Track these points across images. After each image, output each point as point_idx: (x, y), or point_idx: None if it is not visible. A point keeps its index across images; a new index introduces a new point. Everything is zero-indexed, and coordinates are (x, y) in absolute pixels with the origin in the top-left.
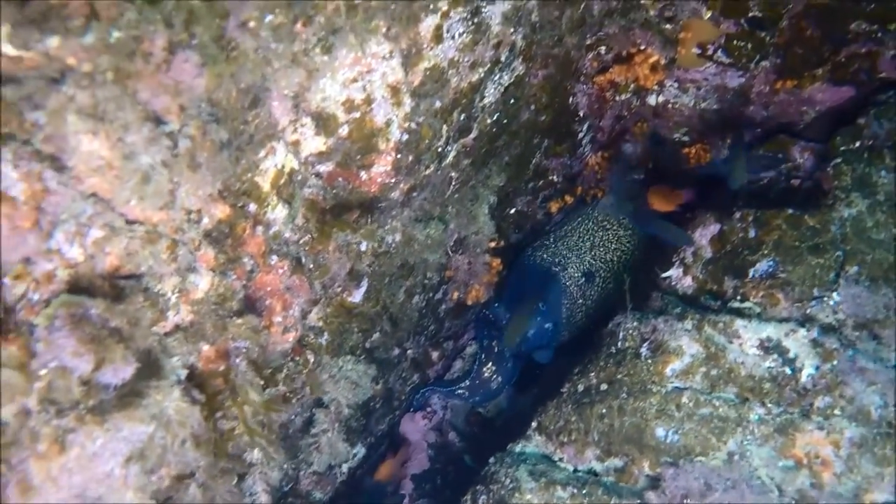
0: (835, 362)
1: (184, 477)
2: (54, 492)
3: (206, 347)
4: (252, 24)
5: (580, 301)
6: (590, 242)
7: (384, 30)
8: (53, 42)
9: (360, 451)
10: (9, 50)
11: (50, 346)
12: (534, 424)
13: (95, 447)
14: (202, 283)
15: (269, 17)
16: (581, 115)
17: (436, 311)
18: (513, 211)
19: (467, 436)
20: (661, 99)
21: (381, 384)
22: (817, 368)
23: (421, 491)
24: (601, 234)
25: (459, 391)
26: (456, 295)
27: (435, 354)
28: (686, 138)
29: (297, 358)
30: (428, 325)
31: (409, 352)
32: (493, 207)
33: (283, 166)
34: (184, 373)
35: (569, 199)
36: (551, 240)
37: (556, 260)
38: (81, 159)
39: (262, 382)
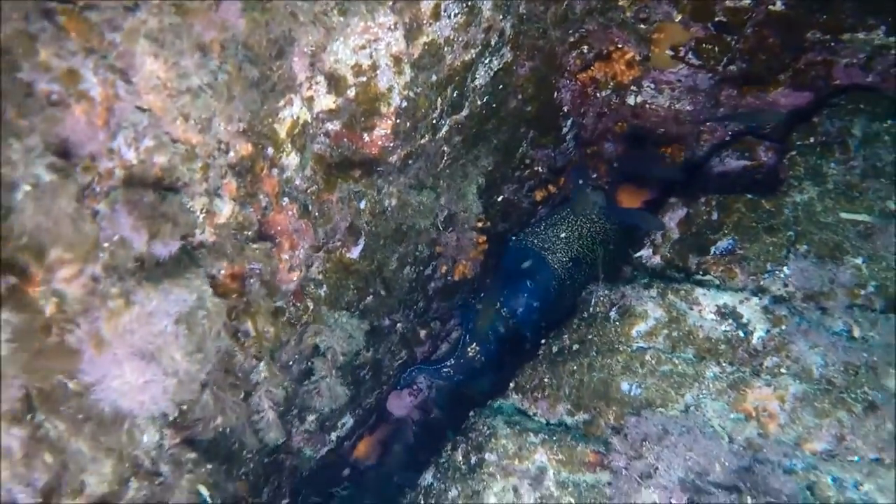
0: (783, 327)
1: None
2: (121, 346)
3: (225, 264)
4: None
5: (567, 283)
6: (577, 232)
7: (391, 3)
8: None
9: (349, 420)
10: None
11: (112, 222)
12: (511, 385)
13: (151, 307)
14: (225, 209)
15: None
16: (565, 110)
17: (425, 287)
18: (500, 199)
19: (451, 413)
20: (639, 99)
21: (371, 352)
22: (767, 332)
23: (404, 462)
24: (588, 225)
25: (445, 369)
26: (444, 269)
27: (423, 333)
28: (663, 139)
29: (298, 304)
30: (417, 299)
31: (398, 325)
32: (482, 189)
33: (297, 117)
34: (208, 282)
35: (552, 189)
36: (542, 227)
37: (546, 245)
38: (143, 77)
39: (272, 303)
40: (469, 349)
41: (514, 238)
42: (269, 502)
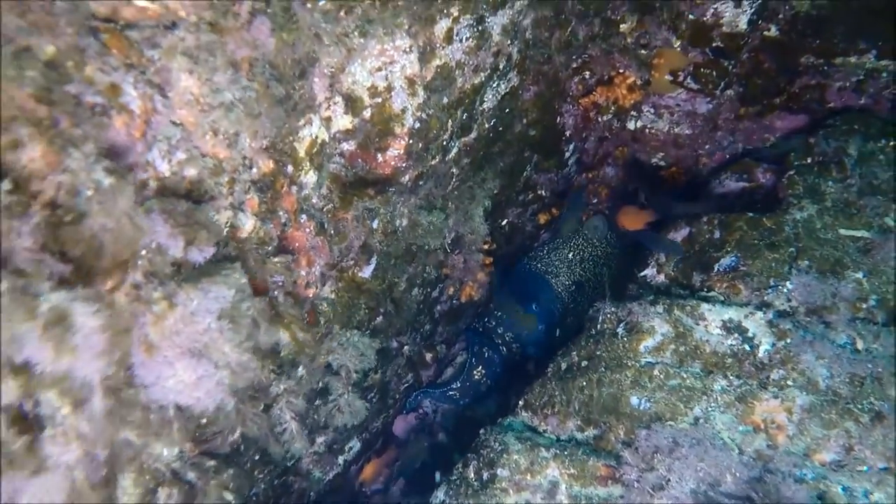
0: (788, 340)
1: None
2: (170, 348)
3: (248, 279)
4: (310, 4)
5: (571, 306)
6: (580, 256)
7: (406, 27)
8: None
9: (356, 444)
10: (139, 3)
11: (149, 230)
12: (521, 402)
13: (193, 306)
14: (248, 223)
15: (321, 2)
16: (567, 134)
17: (432, 310)
18: (504, 222)
19: (457, 436)
20: (639, 124)
21: (379, 374)
22: (773, 345)
23: (411, 487)
24: (590, 249)
25: (451, 392)
26: (451, 290)
27: (429, 356)
28: (663, 163)
29: (310, 322)
30: (424, 322)
31: (405, 347)
32: (488, 211)
33: (316, 137)
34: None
35: (555, 211)
36: (545, 251)
37: (550, 269)
38: (178, 92)
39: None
40: (475, 372)
41: (524, 262)
42: None
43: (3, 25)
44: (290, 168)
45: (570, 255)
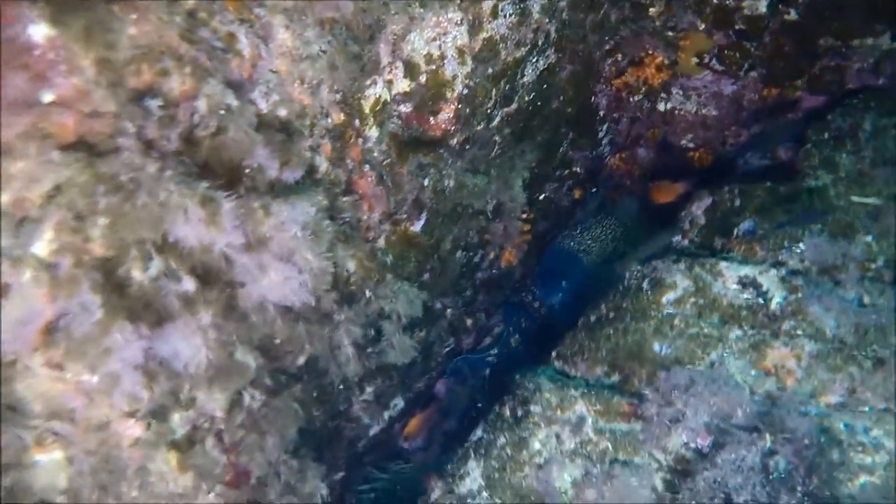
0: (799, 294)
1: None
2: (264, 251)
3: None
4: None
5: (601, 283)
6: (612, 235)
7: (458, 1)
8: None
9: (400, 402)
10: None
11: (251, 154)
12: (553, 354)
13: (283, 217)
14: (323, 165)
15: None
16: (601, 114)
17: (473, 275)
18: (542, 197)
19: (493, 401)
20: (668, 105)
21: (424, 332)
22: (785, 299)
23: (451, 445)
24: (621, 229)
25: (489, 357)
26: (492, 255)
27: (469, 322)
28: (692, 144)
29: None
30: (465, 286)
31: (448, 310)
32: (526, 182)
33: (379, 96)
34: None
35: (589, 187)
36: (578, 230)
37: (582, 247)
38: (276, 44)
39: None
40: (512, 340)
41: (558, 240)
42: (327, 471)
43: None
44: (357, 122)
45: (603, 235)
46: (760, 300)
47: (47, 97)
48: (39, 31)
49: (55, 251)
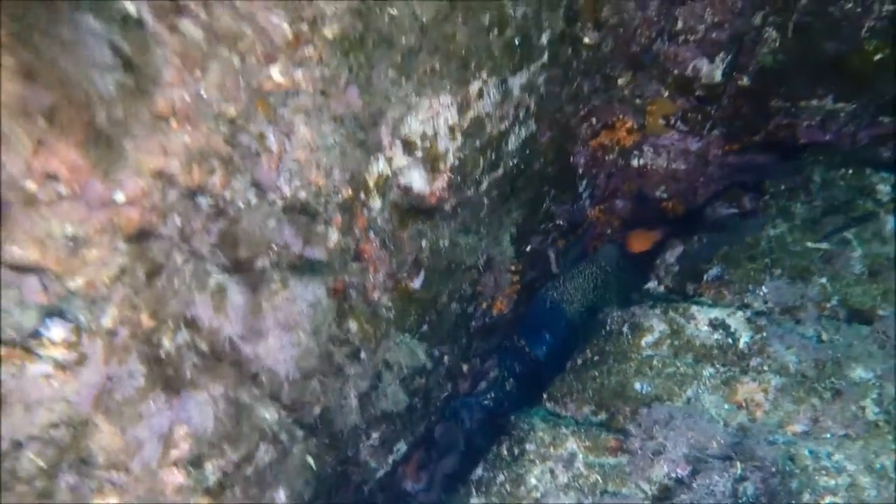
0: (764, 333)
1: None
2: (272, 317)
3: (333, 278)
4: (383, 75)
5: (582, 330)
6: (592, 284)
7: (448, 87)
8: (298, 73)
9: (403, 446)
10: (277, 78)
11: (279, 233)
12: (545, 395)
13: (296, 292)
14: (334, 236)
15: (391, 73)
16: (580, 171)
17: (468, 324)
18: (528, 249)
19: (490, 441)
20: (642, 161)
21: (424, 380)
22: (751, 338)
23: (451, 486)
24: (602, 277)
25: (486, 401)
26: (485, 305)
27: (465, 367)
28: (665, 195)
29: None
30: (461, 335)
31: (445, 357)
32: (514, 238)
33: (381, 171)
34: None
35: (572, 238)
36: (562, 281)
37: (565, 298)
38: (298, 138)
39: (368, 309)
40: (507, 384)
41: (541, 293)
42: None
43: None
44: (362, 195)
45: (584, 284)
46: (730, 340)
47: (120, 197)
48: (119, 146)
49: (117, 322)
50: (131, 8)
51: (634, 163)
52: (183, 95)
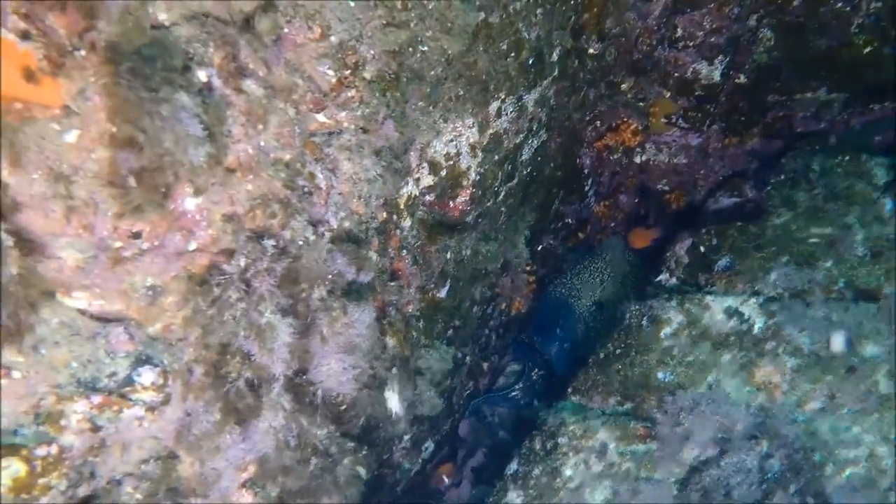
0: (776, 318)
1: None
2: (333, 342)
3: (374, 297)
4: (414, 106)
5: (592, 325)
6: (600, 278)
7: (470, 110)
8: (342, 115)
9: (430, 445)
10: (321, 119)
11: (332, 262)
12: (570, 389)
13: (354, 317)
14: (373, 258)
15: (420, 103)
16: (586, 172)
17: (487, 324)
18: (540, 248)
19: (514, 434)
20: (644, 158)
21: (448, 381)
22: (765, 323)
23: (479, 480)
24: (609, 270)
25: (514, 393)
26: (503, 306)
27: (485, 365)
28: (667, 188)
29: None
30: (481, 335)
31: (467, 357)
32: (528, 239)
33: (410, 193)
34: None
35: (580, 235)
36: (569, 277)
37: (572, 293)
38: (342, 173)
39: (404, 325)
40: (533, 374)
41: (550, 289)
42: None
43: (265, 144)
44: (395, 217)
45: (591, 279)
46: (744, 326)
47: (192, 246)
48: (192, 202)
49: (192, 361)
50: (202, 75)
51: (637, 160)
52: (247, 149)
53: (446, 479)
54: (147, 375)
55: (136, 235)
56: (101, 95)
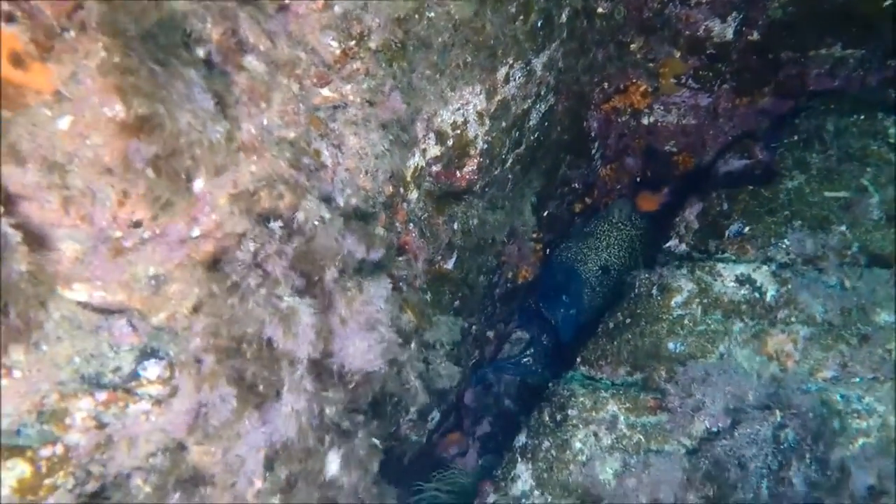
0: (789, 286)
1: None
2: (354, 322)
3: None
4: (421, 75)
5: (598, 290)
6: (605, 241)
7: (478, 76)
8: (347, 88)
9: (436, 415)
10: (325, 93)
11: (342, 242)
12: (578, 359)
13: (371, 293)
14: (380, 233)
15: (427, 72)
16: (593, 135)
17: (492, 293)
18: (546, 213)
19: (520, 402)
20: (651, 119)
21: (455, 350)
22: (777, 291)
23: (486, 449)
24: (615, 233)
25: (525, 359)
26: (510, 274)
27: (491, 334)
28: (675, 149)
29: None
30: (487, 304)
31: (473, 327)
32: (534, 206)
33: (417, 164)
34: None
35: (587, 200)
36: (574, 241)
37: (578, 257)
38: (348, 148)
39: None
40: (544, 338)
41: (555, 253)
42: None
43: (271, 122)
44: (401, 189)
45: (596, 243)
46: (756, 294)
47: (196, 232)
48: (198, 185)
49: (201, 351)
50: (200, 53)
51: (645, 121)
52: (250, 128)
53: (453, 448)
54: (153, 369)
55: (137, 224)
56: (94, 78)
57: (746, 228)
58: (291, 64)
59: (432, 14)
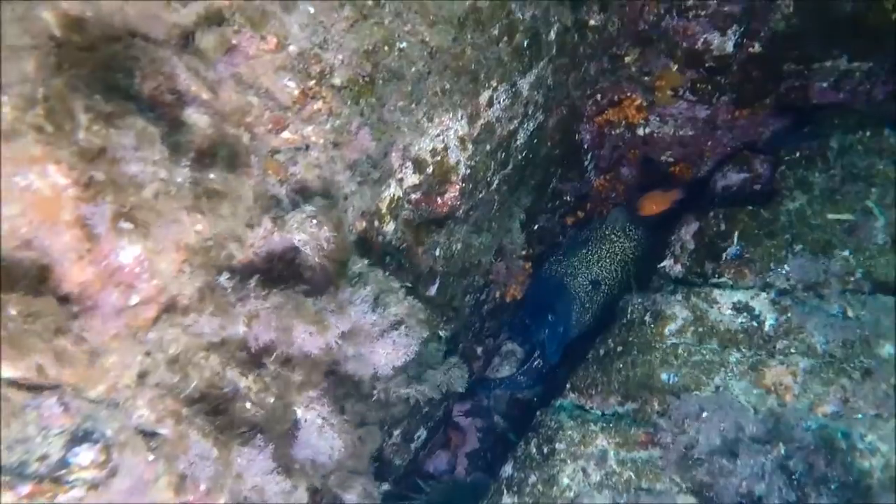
0: (789, 315)
1: None
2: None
3: None
4: (394, 107)
5: (587, 305)
6: (597, 255)
7: (459, 102)
8: (308, 129)
9: (423, 433)
10: (285, 135)
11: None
12: (568, 385)
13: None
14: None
15: (400, 103)
16: (585, 147)
17: (480, 310)
18: (536, 227)
19: (510, 418)
20: (647, 130)
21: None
22: (776, 320)
23: (474, 466)
24: (607, 246)
25: (520, 378)
26: (498, 294)
27: (479, 349)
28: (671, 159)
29: None
30: (475, 321)
31: (460, 345)
32: (523, 223)
33: (393, 195)
34: None
35: (580, 214)
36: (564, 254)
37: (568, 271)
38: (312, 191)
39: None
40: (534, 357)
41: (545, 267)
42: None
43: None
44: (376, 223)
45: (587, 256)
46: (754, 323)
47: (134, 300)
48: (129, 254)
49: (153, 422)
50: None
51: (640, 132)
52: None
53: (441, 464)
54: (86, 455)
55: (65, 299)
56: None
57: (745, 252)
58: (240, 112)
59: (404, 44)
